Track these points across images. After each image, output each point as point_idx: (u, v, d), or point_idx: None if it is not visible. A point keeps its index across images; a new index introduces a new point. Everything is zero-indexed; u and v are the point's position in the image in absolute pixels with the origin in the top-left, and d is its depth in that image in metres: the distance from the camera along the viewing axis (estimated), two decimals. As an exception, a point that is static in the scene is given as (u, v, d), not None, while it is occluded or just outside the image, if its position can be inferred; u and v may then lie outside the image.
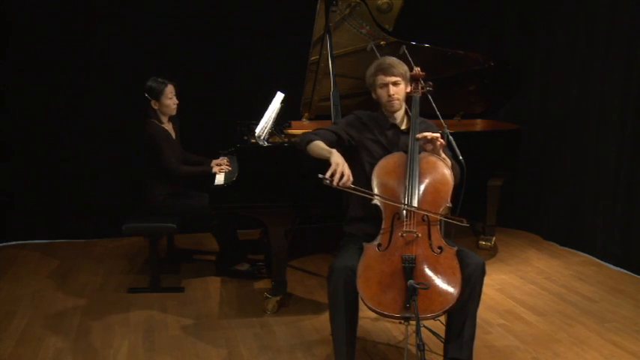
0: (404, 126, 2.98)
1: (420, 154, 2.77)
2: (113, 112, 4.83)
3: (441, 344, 2.98)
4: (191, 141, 4.33)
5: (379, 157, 2.84)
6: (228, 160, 4.11)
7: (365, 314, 2.99)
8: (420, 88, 2.95)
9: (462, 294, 2.48)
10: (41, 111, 4.79)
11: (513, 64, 4.48)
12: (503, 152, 4.40)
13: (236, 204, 3.50)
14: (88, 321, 3.49)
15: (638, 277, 4.14)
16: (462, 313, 2.57)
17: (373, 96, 2.99)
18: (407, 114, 3.01)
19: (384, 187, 2.73)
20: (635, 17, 4.11)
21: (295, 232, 4.42)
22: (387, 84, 2.88)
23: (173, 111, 4.05)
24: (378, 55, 3.80)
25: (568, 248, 4.74)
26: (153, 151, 3.94)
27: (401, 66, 2.92)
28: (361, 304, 2.57)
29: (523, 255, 4.63)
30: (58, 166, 4.88)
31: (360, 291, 2.49)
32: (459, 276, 2.50)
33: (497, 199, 4.58)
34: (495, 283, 4.03)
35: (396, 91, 2.89)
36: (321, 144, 2.83)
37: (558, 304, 3.70)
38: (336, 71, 3.80)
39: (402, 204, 2.65)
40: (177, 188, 4.08)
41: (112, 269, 4.35)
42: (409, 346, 2.95)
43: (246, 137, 4.07)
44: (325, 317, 3.30)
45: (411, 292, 2.38)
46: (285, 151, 3.55)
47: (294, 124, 4.51)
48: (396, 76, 2.88)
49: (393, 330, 3.34)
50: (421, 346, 2.29)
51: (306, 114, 4.53)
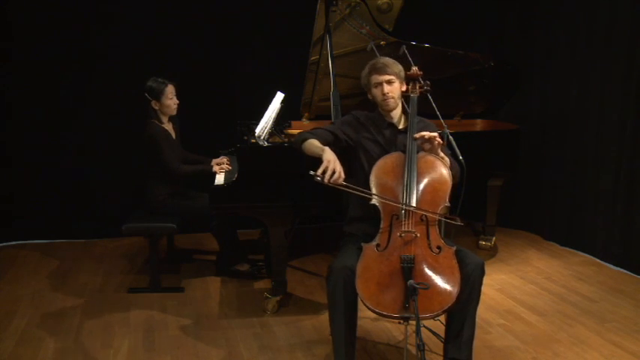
0: (401, 125, 2.98)
1: (418, 153, 2.77)
2: (113, 112, 4.83)
3: (441, 344, 2.98)
4: (191, 141, 4.33)
5: (377, 157, 2.84)
6: (228, 159, 4.11)
7: (365, 314, 2.99)
8: (417, 87, 2.96)
9: (461, 293, 2.48)
10: (41, 111, 4.79)
11: (513, 64, 4.48)
12: (503, 152, 4.40)
13: (236, 204, 3.50)
14: (88, 321, 3.49)
15: (638, 277, 4.14)
16: (462, 313, 2.57)
17: (369, 97, 3.00)
18: (404, 113, 3.02)
19: (382, 187, 2.73)
20: (635, 17, 4.11)
21: (295, 232, 4.42)
22: (381, 83, 2.90)
23: (173, 111, 4.05)
24: (378, 55, 3.79)
25: (568, 248, 4.74)
26: (153, 151, 3.94)
27: (395, 65, 2.93)
28: (361, 304, 2.57)
29: (523, 255, 4.62)
30: (59, 166, 4.89)
31: (359, 291, 2.49)
32: (457, 275, 2.50)
33: (497, 199, 4.58)
34: (495, 283, 4.03)
35: (390, 90, 2.90)
36: (315, 142, 2.84)
37: (558, 304, 3.70)
38: (336, 71, 3.80)
39: (401, 204, 2.65)
40: (178, 188, 4.08)
41: (112, 269, 4.35)
42: (409, 346, 2.96)
43: (246, 137, 4.07)
44: (325, 317, 3.30)
45: (411, 292, 2.38)
46: (285, 151, 3.55)
47: (294, 124, 4.51)
48: (389, 74, 2.89)
49: (393, 330, 3.34)
50: (421, 346, 2.29)
51: (306, 114, 4.53)
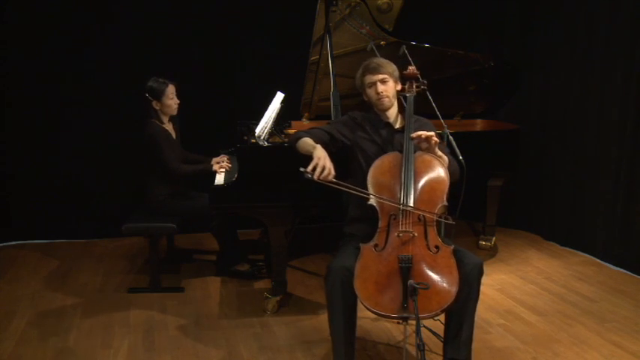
0: (398, 125, 2.99)
1: (415, 153, 2.77)
2: (113, 112, 4.82)
3: (441, 344, 2.99)
4: (191, 141, 4.33)
5: (375, 157, 2.85)
6: (228, 158, 4.11)
7: (364, 314, 2.99)
8: (414, 86, 2.96)
9: (459, 293, 2.48)
10: (41, 111, 4.79)
11: (513, 64, 4.48)
12: (503, 152, 4.40)
13: (236, 204, 3.50)
14: (88, 321, 3.49)
15: (638, 277, 4.14)
16: (460, 314, 2.57)
17: (364, 98, 3.00)
18: (401, 113, 3.02)
19: (379, 186, 2.73)
20: (635, 17, 4.11)
21: (295, 232, 4.42)
22: (374, 82, 2.91)
23: (174, 111, 4.06)
24: (378, 55, 3.80)
25: (568, 248, 4.74)
26: (153, 151, 3.94)
27: (388, 65, 2.94)
28: (360, 304, 2.57)
29: (523, 255, 4.62)
30: (58, 166, 4.89)
31: (357, 292, 2.49)
32: (456, 275, 2.49)
33: (497, 199, 4.57)
34: (495, 283, 4.03)
35: (384, 89, 2.90)
36: (308, 140, 2.85)
37: (558, 304, 3.70)
38: (336, 71, 3.80)
39: (398, 204, 2.64)
40: (178, 188, 4.08)
41: (112, 269, 4.35)
42: (408, 346, 2.96)
43: (246, 137, 4.07)
44: (325, 317, 3.28)
45: (411, 292, 2.38)
46: (285, 151, 3.54)
47: (294, 124, 4.51)
48: (383, 74, 2.90)
49: (393, 330, 3.34)
50: (421, 346, 2.29)
51: (306, 114, 4.53)
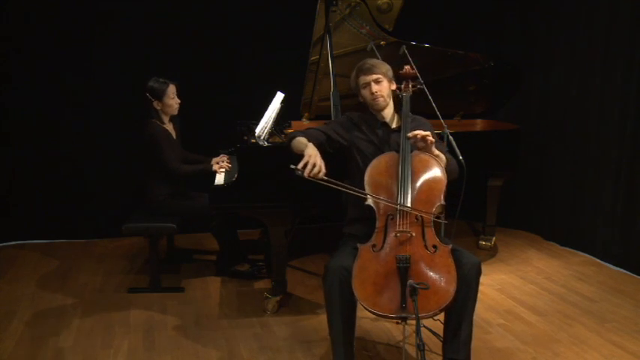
0: (394, 124, 2.99)
1: (412, 152, 2.77)
2: (113, 112, 4.83)
3: (441, 344, 2.99)
4: (191, 141, 4.33)
5: (372, 156, 2.85)
6: (228, 158, 4.11)
7: (364, 314, 2.99)
8: (410, 86, 2.96)
9: (458, 293, 2.48)
10: (41, 111, 4.79)
11: (513, 64, 4.48)
12: (503, 152, 4.40)
13: (236, 204, 3.50)
14: (88, 321, 3.50)
15: (638, 277, 4.14)
16: (459, 314, 2.57)
17: (360, 99, 3.01)
18: (397, 112, 3.02)
19: (377, 187, 2.73)
20: (635, 17, 4.11)
21: (295, 232, 4.42)
22: (368, 83, 2.91)
23: (175, 111, 4.06)
24: (378, 55, 3.80)
25: (568, 248, 4.74)
26: (153, 151, 3.94)
27: (381, 65, 2.95)
28: (359, 304, 2.57)
29: (523, 255, 4.62)
30: (58, 166, 4.89)
31: (355, 292, 2.49)
32: (454, 274, 2.49)
33: (497, 199, 4.57)
34: (495, 283, 4.02)
35: (378, 89, 2.91)
36: (302, 139, 2.85)
37: (558, 304, 3.70)
38: (336, 71, 3.80)
39: (395, 204, 2.64)
40: (178, 188, 4.08)
41: (112, 269, 4.35)
42: (407, 346, 2.96)
43: (246, 137, 4.07)
44: (325, 317, 3.29)
45: (410, 293, 2.38)
46: (285, 151, 3.54)
47: (294, 124, 4.51)
48: (376, 74, 2.91)
49: (393, 330, 3.34)
50: (421, 346, 2.29)
51: (306, 114, 4.53)
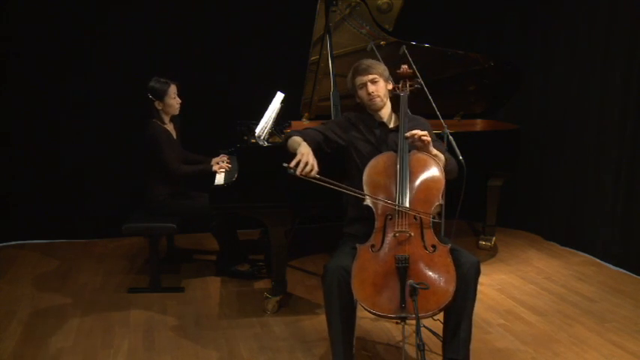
0: (392, 124, 2.99)
1: (409, 152, 2.77)
2: (113, 112, 4.83)
3: (441, 344, 2.98)
4: (191, 141, 4.33)
5: (369, 156, 2.85)
6: (228, 158, 4.11)
7: (364, 314, 2.99)
8: (407, 86, 2.96)
9: (457, 293, 2.47)
10: (41, 111, 4.80)
11: (513, 64, 4.48)
12: (503, 152, 4.40)
13: (236, 204, 3.50)
14: (88, 321, 3.50)
15: (638, 277, 4.14)
16: (458, 313, 2.57)
17: (357, 99, 3.01)
18: (394, 112, 3.02)
19: (375, 187, 2.73)
20: (635, 17, 4.11)
21: (295, 232, 4.42)
22: (365, 83, 2.91)
23: (176, 111, 4.06)
24: (378, 55, 3.80)
25: (568, 248, 4.74)
26: (154, 151, 3.94)
27: (377, 65, 2.96)
28: (358, 304, 2.57)
29: (523, 255, 4.62)
30: (58, 166, 4.89)
31: (354, 292, 2.49)
32: (453, 273, 2.49)
33: (497, 199, 4.57)
34: (495, 283, 4.02)
35: (375, 89, 2.91)
36: (297, 138, 2.86)
37: (558, 304, 3.70)
38: (336, 71, 3.80)
39: (394, 204, 2.64)
40: (178, 188, 4.08)
41: (112, 269, 4.35)
42: (407, 346, 2.96)
43: (246, 137, 4.07)
44: (325, 317, 3.29)
45: (410, 293, 2.38)
46: (285, 151, 3.55)
47: (294, 124, 4.51)
48: (372, 74, 2.91)
49: (393, 330, 3.34)
50: (421, 346, 2.29)
51: (306, 114, 4.53)
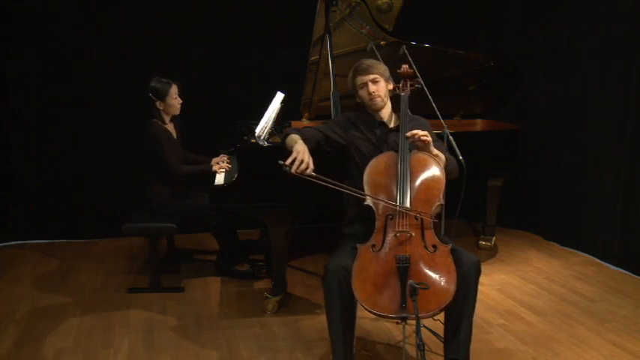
0: (392, 124, 2.99)
1: (410, 152, 2.77)
2: (113, 112, 4.83)
3: (441, 344, 2.98)
4: (191, 141, 4.33)
5: (370, 156, 2.85)
6: (228, 158, 4.11)
7: (364, 314, 2.99)
8: (408, 85, 2.96)
9: (457, 293, 2.47)
10: (41, 111, 4.80)
11: (513, 63, 4.48)
12: (503, 152, 4.40)
13: (236, 204, 3.50)
14: (88, 321, 3.50)
15: (638, 277, 4.14)
16: (459, 313, 2.57)
17: (357, 99, 3.01)
18: (395, 112, 3.02)
19: (376, 187, 2.73)
20: (635, 17, 4.11)
21: (295, 232, 4.42)
22: (366, 83, 2.91)
23: (177, 111, 4.06)
24: (378, 55, 3.80)
25: (568, 248, 4.74)
26: (154, 151, 3.95)
27: (378, 65, 2.96)
28: (359, 304, 2.57)
29: (523, 255, 4.62)
30: (58, 166, 4.89)
31: (355, 292, 2.49)
32: (453, 274, 2.49)
33: (497, 199, 4.57)
34: (495, 283, 4.02)
35: (376, 89, 2.91)
36: (294, 137, 2.85)
37: (558, 304, 3.70)
38: (336, 71, 3.80)
39: (395, 205, 2.64)
40: (178, 188, 4.08)
41: (112, 269, 4.35)
42: (407, 346, 2.96)
43: (246, 137, 4.07)
44: (325, 317, 3.30)
45: (411, 293, 2.38)
46: (285, 151, 3.54)
47: (294, 124, 4.51)
48: (373, 74, 2.91)
49: (393, 330, 3.34)
50: (421, 346, 2.29)
51: (306, 114, 4.53)
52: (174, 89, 3.99)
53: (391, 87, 2.98)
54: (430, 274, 2.50)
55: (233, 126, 4.47)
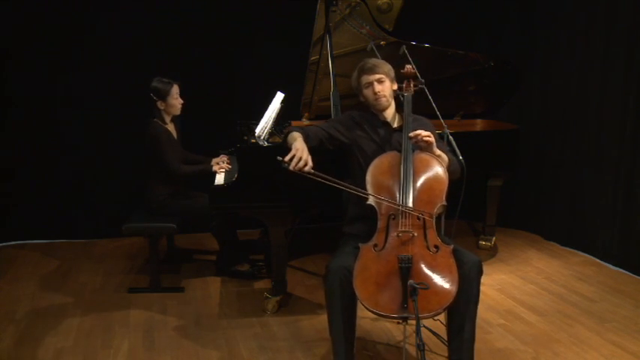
0: (396, 124, 2.99)
1: (413, 152, 2.77)
2: (114, 112, 4.83)
3: (441, 344, 2.99)
4: (191, 141, 4.33)
5: (373, 156, 2.85)
6: (228, 158, 4.11)
7: (364, 314, 2.99)
8: (411, 86, 2.96)
9: (459, 293, 2.47)
10: (41, 111, 4.80)
11: (513, 63, 4.48)
12: (502, 152, 4.40)
13: (236, 204, 3.50)
14: (88, 321, 3.50)
15: (638, 277, 4.14)
16: (462, 313, 2.56)
17: (361, 99, 3.00)
18: (398, 112, 3.02)
19: (378, 187, 2.73)
20: (635, 17, 4.11)
21: (295, 232, 4.42)
22: (371, 82, 2.91)
23: (178, 111, 4.06)
24: (378, 55, 3.80)
25: (568, 248, 4.74)
26: (155, 151, 3.95)
27: (384, 64, 2.95)
28: (360, 304, 2.57)
29: (523, 255, 4.62)
30: (58, 166, 4.89)
31: (357, 292, 2.49)
32: (455, 274, 2.49)
33: (497, 199, 4.57)
34: (495, 283, 4.02)
35: (381, 89, 2.91)
36: (295, 134, 2.85)
37: (558, 304, 3.70)
38: (336, 71, 3.80)
39: (397, 205, 2.64)
40: (178, 188, 4.08)
41: (112, 269, 4.35)
42: (408, 346, 2.96)
43: (246, 137, 4.07)
44: (325, 317, 3.29)
45: (411, 293, 2.38)
46: (285, 151, 3.54)
47: (294, 124, 4.51)
48: (379, 73, 2.91)
49: (393, 330, 3.34)
50: (421, 346, 2.28)
51: (306, 114, 4.53)
52: (175, 89, 3.99)
53: (395, 87, 2.98)
54: (432, 274, 2.50)
55: (233, 126, 4.47)
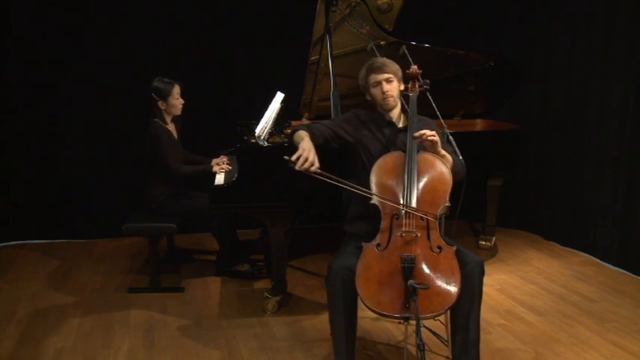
0: (401, 124, 2.99)
1: (418, 152, 2.76)
2: (114, 112, 4.83)
3: (441, 344, 2.99)
4: (191, 141, 4.33)
5: (378, 155, 2.84)
6: (228, 158, 4.11)
7: (365, 314, 2.99)
8: (416, 86, 2.96)
9: (462, 294, 2.47)
10: (41, 111, 4.79)
11: (513, 63, 4.48)
12: (502, 152, 4.40)
13: (236, 204, 3.50)
14: (88, 321, 3.50)
15: (638, 277, 4.14)
16: (466, 314, 2.56)
17: (367, 97, 3.00)
18: (403, 112, 3.02)
19: (383, 186, 2.73)
20: (635, 17, 4.11)
21: (295, 232, 4.42)
22: (379, 82, 2.90)
23: (179, 111, 4.06)
24: (378, 55, 3.80)
25: (568, 248, 4.74)
26: (155, 151, 3.94)
27: (392, 64, 2.94)
28: (361, 304, 2.57)
29: (523, 255, 4.62)
30: (58, 165, 4.89)
31: (359, 291, 2.49)
32: (458, 275, 2.49)
33: (497, 199, 4.58)
34: (495, 283, 4.02)
35: (389, 89, 2.90)
36: (301, 133, 2.85)
37: (558, 304, 3.70)
38: (336, 71, 3.80)
39: (401, 205, 2.64)
40: (178, 189, 4.08)
41: (112, 269, 4.35)
42: (408, 346, 2.96)
43: (246, 137, 4.07)
44: (325, 317, 3.30)
45: (411, 293, 2.38)
46: (285, 151, 3.54)
47: (294, 124, 4.51)
48: (388, 73, 2.90)
49: (393, 330, 3.34)
50: (421, 346, 2.28)
51: (306, 114, 4.53)
52: (176, 89, 3.99)
53: (402, 87, 2.97)
54: (434, 275, 2.50)
55: (233, 126, 4.47)
